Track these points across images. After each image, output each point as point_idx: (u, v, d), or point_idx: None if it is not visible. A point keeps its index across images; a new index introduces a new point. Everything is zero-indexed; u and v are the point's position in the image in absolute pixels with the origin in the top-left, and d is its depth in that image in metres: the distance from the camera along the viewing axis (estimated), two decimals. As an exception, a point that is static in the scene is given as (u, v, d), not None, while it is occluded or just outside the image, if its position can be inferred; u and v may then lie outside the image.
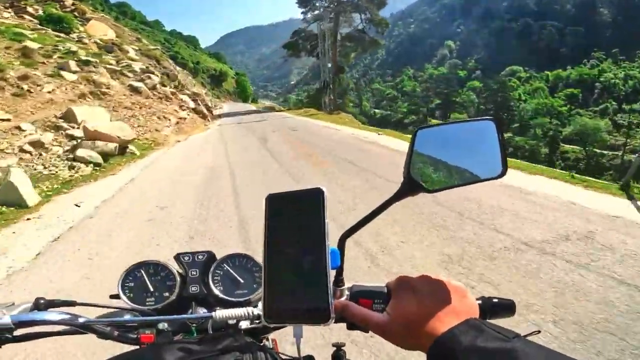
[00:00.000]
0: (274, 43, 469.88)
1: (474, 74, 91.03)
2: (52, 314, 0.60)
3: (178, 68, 52.94)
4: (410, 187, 0.49)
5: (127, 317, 0.69)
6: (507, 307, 0.55)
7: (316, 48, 28.48)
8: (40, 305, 0.64)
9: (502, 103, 54.69)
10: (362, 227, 0.50)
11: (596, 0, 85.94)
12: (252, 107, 43.60)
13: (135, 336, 0.64)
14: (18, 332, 0.58)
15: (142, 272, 0.73)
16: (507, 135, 53.21)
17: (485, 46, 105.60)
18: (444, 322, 0.40)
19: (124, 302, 0.71)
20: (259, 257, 0.69)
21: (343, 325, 0.51)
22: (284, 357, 0.58)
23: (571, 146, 45.54)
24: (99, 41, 20.89)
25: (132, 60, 21.33)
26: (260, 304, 0.62)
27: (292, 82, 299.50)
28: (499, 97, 54.21)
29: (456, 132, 0.54)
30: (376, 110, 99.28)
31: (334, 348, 0.67)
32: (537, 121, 48.81)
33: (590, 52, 75.46)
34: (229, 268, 0.76)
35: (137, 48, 27.86)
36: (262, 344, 0.62)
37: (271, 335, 0.76)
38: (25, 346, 2.04)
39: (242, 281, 0.74)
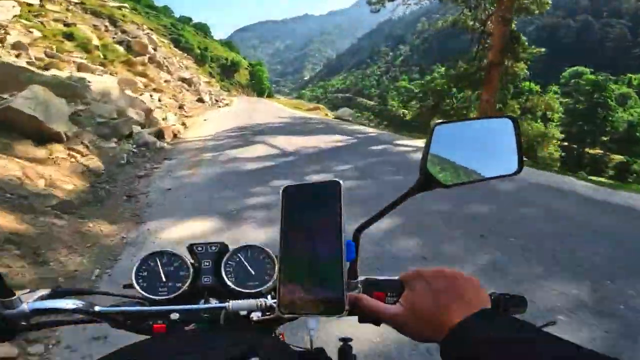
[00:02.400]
0: (288, 38, 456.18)
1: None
2: (68, 302, 0.59)
3: (176, 51, 40.53)
4: (426, 181, 0.48)
5: (140, 306, 0.66)
6: (519, 303, 0.53)
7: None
8: (56, 293, 0.63)
9: (591, 110, 41.44)
10: (377, 221, 0.50)
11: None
12: (286, 108, 24.11)
13: (148, 326, 0.63)
14: (34, 319, 0.57)
15: (157, 261, 0.71)
16: (599, 152, 40.48)
17: (532, 44, 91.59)
18: (458, 313, 0.39)
19: (137, 291, 0.69)
20: (271, 249, 0.72)
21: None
22: (295, 349, 0.57)
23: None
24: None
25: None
26: (270, 296, 0.67)
27: (306, 78, 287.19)
28: (597, 102, 40.96)
29: (474, 129, 0.53)
30: (404, 111, 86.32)
31: (341, 342, 0.65)
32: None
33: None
34: (241, 259, 0.74)
35: (77, 0, 15.45)
36: (273, 336, 0.61)
37: (279, 329, 0.73)
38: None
39: (254, 273, 0.72)
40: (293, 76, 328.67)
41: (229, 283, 0.70)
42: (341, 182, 0.41)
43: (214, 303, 0.67)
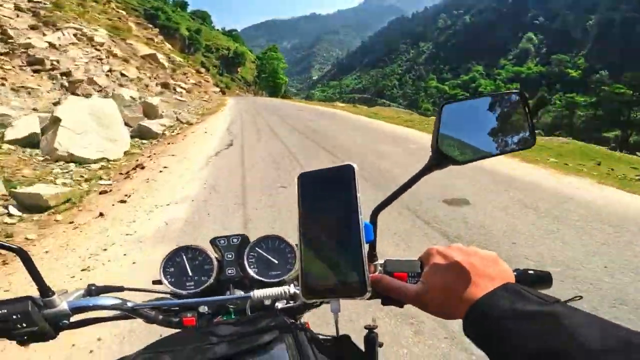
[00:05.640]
0: (295, 37, 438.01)
1: (595, 74, 60.62)
2: (105, 299, 0.60)
3: (132, 17, 23.62)
4: (438, 159, 0.47)
5: (170, 301, 0.67)
6: (543, 279, 0.50)
7: None
8: (92, 291, 0.64)
9: None
10: (392, 201, 0.50)
11: None
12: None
13: (178, 319, 0.64)
14: (73, 318, 0.58)
15: (183, 256, 0.73)
16: None
17: (596, 41, 74.74)
18: (480, 287, 0.38)
19: (165, 287, 0.70)
20: (290, 239, 0.74)
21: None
22: (320, 336, 0.56)
23: None
24: None
25: None
26: (293, 284, 0.68)
27: (314, 78, 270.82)
28: None
29: (482, 106, 0.52)
30: (442, 118, 69.26)
31: (366, 330, 0.64)
32: None
33: None
34: (262, 251, 0.75)
35: None
36: (298, 323, 0.61)
37: (304, 318, 0.73)
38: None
39: (275, 262, 0.73)
40: (300, 76, 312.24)
41: (252, 273, 0.71)
42: (354, 165, 0.40)
43: (239, 294, 0.67)
